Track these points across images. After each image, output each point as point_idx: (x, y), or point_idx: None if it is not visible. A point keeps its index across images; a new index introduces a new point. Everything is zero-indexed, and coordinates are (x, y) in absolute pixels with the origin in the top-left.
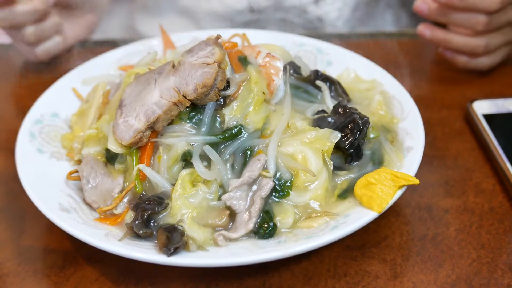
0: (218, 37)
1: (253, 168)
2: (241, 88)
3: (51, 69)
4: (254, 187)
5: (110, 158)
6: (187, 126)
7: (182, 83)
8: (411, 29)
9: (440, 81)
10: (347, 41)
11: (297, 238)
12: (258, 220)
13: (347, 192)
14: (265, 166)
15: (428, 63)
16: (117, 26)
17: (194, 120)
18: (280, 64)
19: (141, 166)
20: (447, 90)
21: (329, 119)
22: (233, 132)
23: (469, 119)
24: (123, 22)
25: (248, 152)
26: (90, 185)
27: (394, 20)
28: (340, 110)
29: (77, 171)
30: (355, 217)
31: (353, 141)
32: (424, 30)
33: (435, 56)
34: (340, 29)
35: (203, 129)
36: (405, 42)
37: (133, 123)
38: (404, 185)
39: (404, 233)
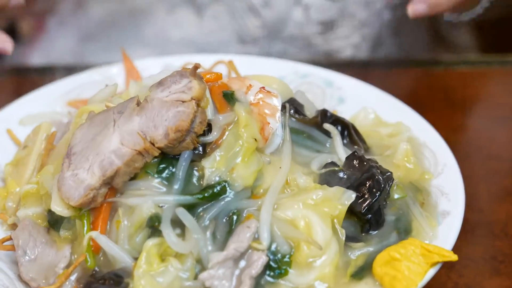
0: (196, 66)
1: (240, 238)
2: (226, 133)
3: None
4: (242, 263)
5: (54, 222)
6: (155, 182)
7: (149, 125)
8: (447, 54)
9: (485, 123)
10: (364, 71)
11: None
12: None
13: (363, 271)
14: (256, 236)
15: (470, 98)
16: (66, 50)
17: (164, 175)
18: (277, 102)
19: (94, 234)
20: (494, 136)
21: (341, 174)
22: (215, 190)
23: None
24: (73, 47)
25: (235, 217)
26: (27, 258)
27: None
28: (355, 162)
29: (11, 239)
30: None
31: (372, 203)
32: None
33: (479, 88)
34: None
35: (176, 187)
36: (440, 72)
37: (85, 178)
38: (438, 262)
39: None
